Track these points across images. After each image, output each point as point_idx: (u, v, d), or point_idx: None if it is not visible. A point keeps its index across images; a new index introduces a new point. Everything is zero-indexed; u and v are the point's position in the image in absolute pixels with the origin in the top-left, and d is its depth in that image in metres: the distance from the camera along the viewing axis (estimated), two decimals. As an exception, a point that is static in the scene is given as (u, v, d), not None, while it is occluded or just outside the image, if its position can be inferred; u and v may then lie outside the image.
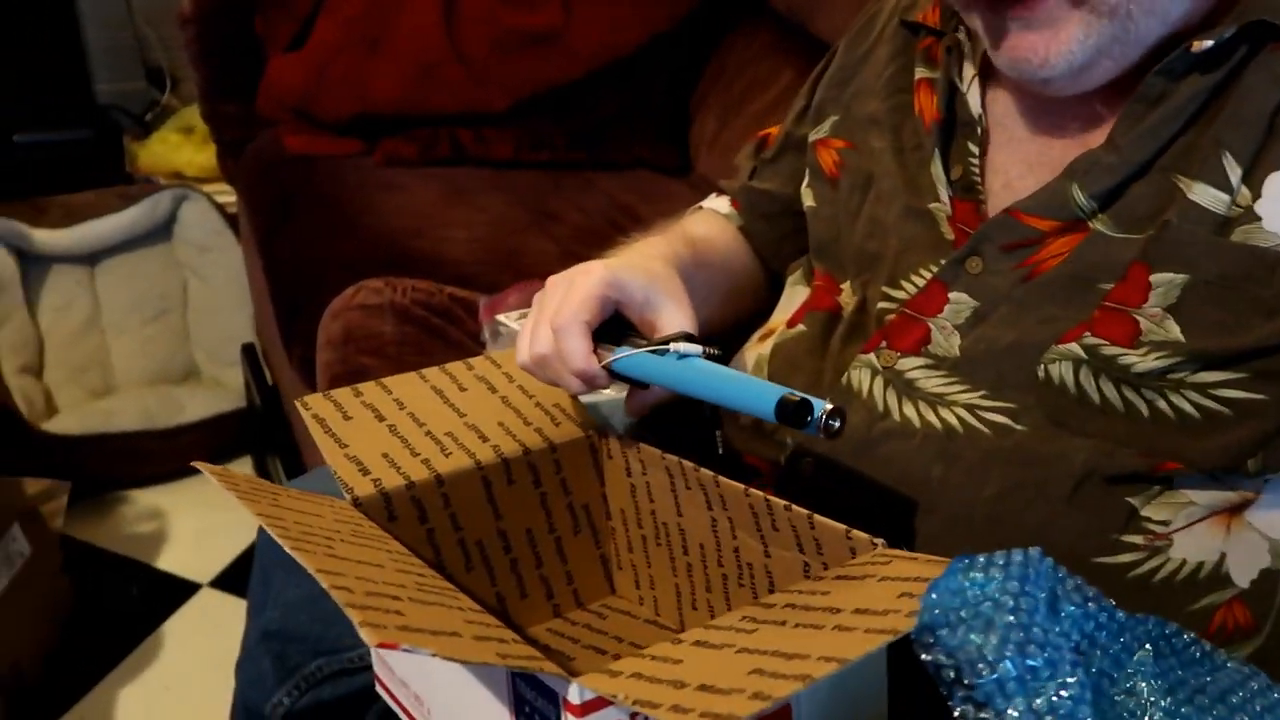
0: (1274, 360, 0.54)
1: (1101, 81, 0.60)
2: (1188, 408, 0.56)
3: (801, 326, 0.72)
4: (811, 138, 0.78)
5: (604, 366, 0.61)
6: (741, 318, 0.81)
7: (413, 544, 0.62)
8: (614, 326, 0.63)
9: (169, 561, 1.60)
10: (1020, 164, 0.65)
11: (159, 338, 1.91)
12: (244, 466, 1.77)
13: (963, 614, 0.38)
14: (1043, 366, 0.59)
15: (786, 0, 1.57)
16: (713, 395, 0.58)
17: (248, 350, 1.79)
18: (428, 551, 0.63)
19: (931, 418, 0.62)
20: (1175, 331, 0.56)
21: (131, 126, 2.40)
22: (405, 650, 0.38)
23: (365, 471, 0.62)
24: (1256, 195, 0.55)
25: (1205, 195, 0.56)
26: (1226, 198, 0.55)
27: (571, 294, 0.61)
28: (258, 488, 0.55)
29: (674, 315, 0.62)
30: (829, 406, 0.52)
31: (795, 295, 0.76)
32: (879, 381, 0.64)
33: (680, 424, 0.71)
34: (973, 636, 0.37)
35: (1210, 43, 0.56)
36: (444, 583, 0.50)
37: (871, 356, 0.65)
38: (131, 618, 1.49)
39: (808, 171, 0.78)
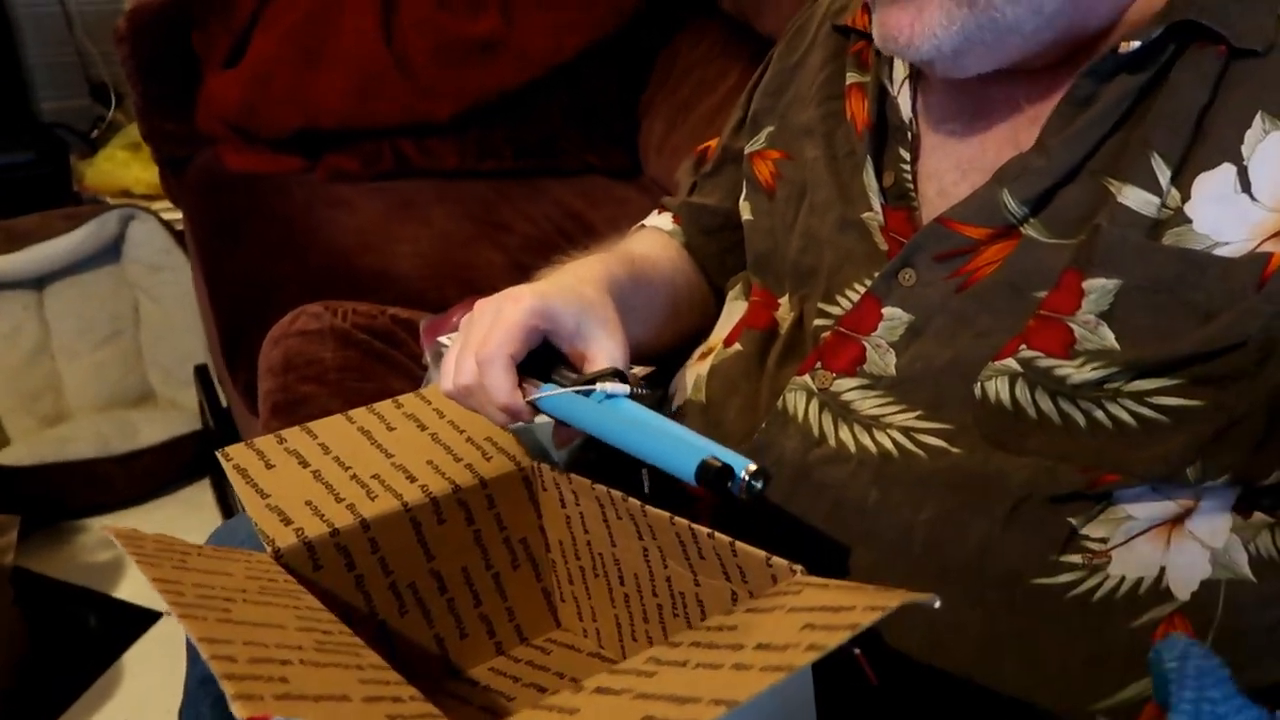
0: (1209, 366, 0.53)
1: (986, 68, 0.59)
2: (1125, 417, 0.55)
3: (738, 345, 0.71)
4: (747, 150, 0.76)
5: (528, 402, 0.60)
6: (687, 334, 0.80)
7: (341, 592, 0.61)
8: (544, 356, 0.62)
9: (128, 590, 1.57)
10: (953, 169, 0.64)
11: (112, 361, 1.88)
12: (203, 489, 1.75)
13: None
14: (979, 385, 0.58)
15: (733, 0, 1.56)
16: (633, 448, 0.56)
17: (200, 371, 1.76)
18: (358, 599, 0.62)
19: (867, 441, 0.61)
20: (1109, 339, 0.55)
21: (77, 144, 2.36)
22: None
23: (288, 521, 0.60)
24: (1186, 197, 0.54)
25: (1135, 198, 0.55)
26: (1156, 200, 0.55)
27: (498, 324, 0.60)
28: (166, 549, 0.53)
29: (605, 345, 0.61)
30: (751, 468, 0.51)
31: (734, 311, 0.75)
32: (815, 405, 0.63)
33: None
34: None
35: (1138, 44, 0.55)
36: (351, 639, 0.49)
37: (807, 379, 0.64)
38: (91, 649, 1.46)
39: (745, 184, 0.76)
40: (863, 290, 0.63)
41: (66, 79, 2.41)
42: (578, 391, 0.59)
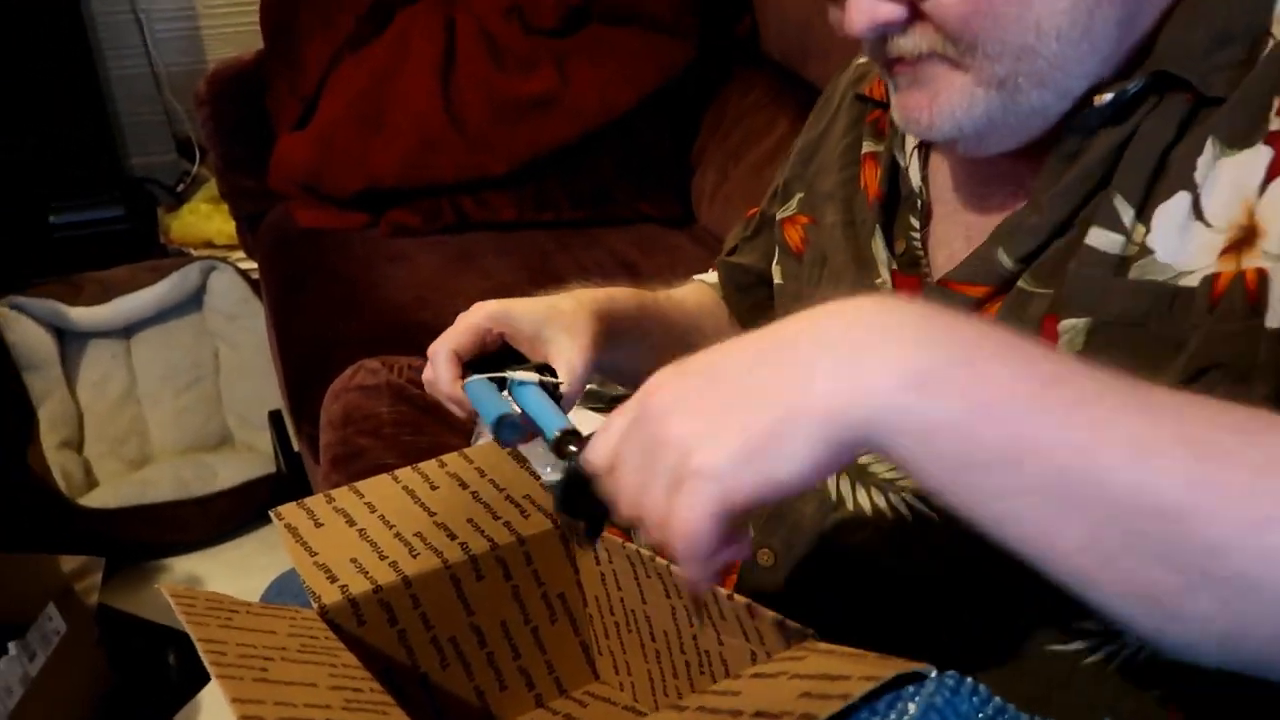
0: (1199, 393, 0.53)
1: (1009, 146, 0.60)
2: None
3: None
4: (779, 216, 0.79)
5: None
6: None
7: (384, 647, 0.65)
8: (506, 358, 0.68)
9: (206, 628, 1.65)
10: (961, 236, 0.65)
11: (193, 406, 1.95)
12: (276, 529, 1.81)
13: None
14: None
15: (780, 48, 1.58)
16: (482, 415, 0.63)
17: (274, 416, 1.83)
18: (400, 653, 0.65)
19: (882, 504, 0.62)
20: None
21: (164, 198, 2.48)
22: None
23: (333, 579, 0.64)
24: (1148, 230, 0.54)
25: (1100, 238, 0.55)
26: (1121, 238, 0.55)
27: (454, 325, 0.68)
28: (216, 607, 0.57)
29: (563, 349, 0.66)
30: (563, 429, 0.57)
31: None
32: None
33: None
34: None
35: (1110, 96, 0.56)
36: (381, 696, 0.52)
37: None
38: (170, 685, 1.52)
39: (777, 249, 0.79)
40: None
41: (154, 136, 2.52)
42: (492, 379, 0.65)
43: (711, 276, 0.88)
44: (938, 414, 0.39)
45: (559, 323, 0.67)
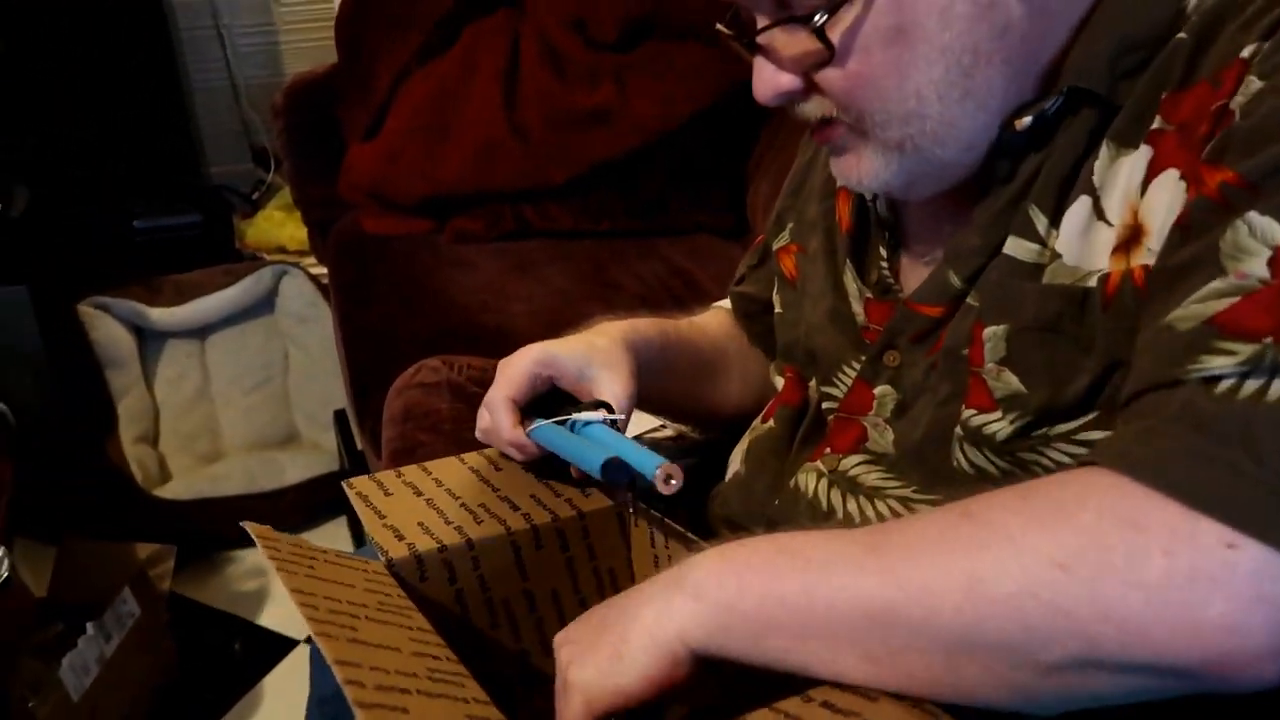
0: (1109, 393, 0.54)
1: (942, 189, 0.61)
2: (1067, 460, 0.57)
3: (771, 423, 0.76)
4: (775, 246, 0.81)
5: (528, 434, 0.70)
6: (735, 397, 0.86)
7: (442, 602, 0.68)
8: (556, 399, 0.72)
9: (270, 618, 1.69)
10: (922, 263, 0.67)
11: (262, 405, 2.01)
12: (340, 525, 1.87)
13: None
14: (953, 456, 0.61)
15: (837, 63, 1.60)
16: (584, 461, 0.67)
17: (339, 416, 1.89)
18: (455, 609, 0.68)
19: (870, 512, 0.64)
20: (1014, 382, 0.57)
21: (240, 205, 2.56)
22: None
23: (401, 537, 0.67)
24: (1057, 235, 0.56)
25: (1017, 247, 0.57)
26: (1037, 246, 0.57)
27: (503, 374, 0.71)
28: (299, 554, 0.60)
29: (607, 384, 0.69)
30: (664, 467, 0.61)
31: (777, 387, 0.81)
32: (824, 482, 0.67)
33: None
34: None
35: (1029, 119, 0.57)
36: (456, 667, 0.54)
37: (819, 464, 0.68)
38: (234, 672, 1.58)
39: (776, 278, 0.81)
40: (853, 375, 0.68)
41: (232, 146, 2.62)
42: (558, 423, 0.68)
43: (727, 302, 0.91)
44: (727, 611, 0.50)
45: (600, 360, 0.70)
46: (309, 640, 1.62)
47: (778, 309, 0.80)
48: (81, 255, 2.07)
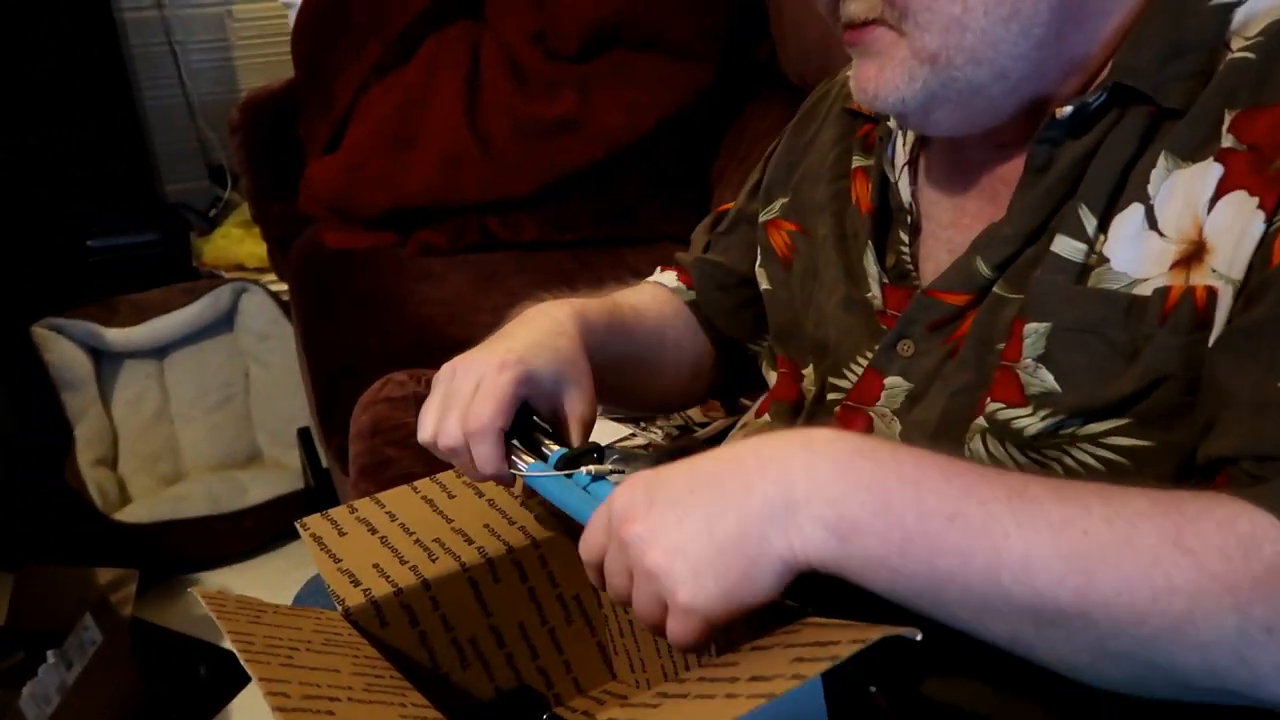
0: (1147, 405, 0.55)
1: (958, 126, 0.62)
2: (1090, 461, 0.57)
3: (767, 418, 0.75)
4: (761, 218, 0.80)
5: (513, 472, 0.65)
6: (675, 388, 0.84)
7: (406, 647, 0.66)
8: (527, 425, 0.67)
9: (235, 641, 1.67)
10: (945, 249, 0.67)
11: (224, 424, 1.99)
12: (304, 546, 1.84)
13: None
14: (966, 447, 0.61)
15: (798, 70, 1.61)
16: (576, 513, 0.62)
17: (303, 434, 1.86)
18: (422, 654, 0.67)
19: None
20: (1050, 380, 0.57)
21: (197, 223, 2.53)
22: None
23: (356, 583, 0.66)
24: (1106, 238, 0.57)
25: (1065, 246, 0.58)
26: (1084, 247, 0.57)
27: (487, 396, 0.64)
28: (244, 607, 0.59)
29: (576, 400, 0.67)
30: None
31: (768, 379, 0.79)
32: None
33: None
34: None
35: (1070, 108, 0.58)
36: (401, 683, 0.54)
37: None
38: (200, 697, 1.55)
39: (760, 251, 0.79)
40: (865, 364, 0.67)
41: (188, 163, 2.58)
42: (564, 473, 0.63)
43: (668, 279, 0.87)
44: (861, 555, 0.49)
45: (569, 373, 0.67)
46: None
47: (764, 285, 0.79)
48: (35, 276, 2.04)
